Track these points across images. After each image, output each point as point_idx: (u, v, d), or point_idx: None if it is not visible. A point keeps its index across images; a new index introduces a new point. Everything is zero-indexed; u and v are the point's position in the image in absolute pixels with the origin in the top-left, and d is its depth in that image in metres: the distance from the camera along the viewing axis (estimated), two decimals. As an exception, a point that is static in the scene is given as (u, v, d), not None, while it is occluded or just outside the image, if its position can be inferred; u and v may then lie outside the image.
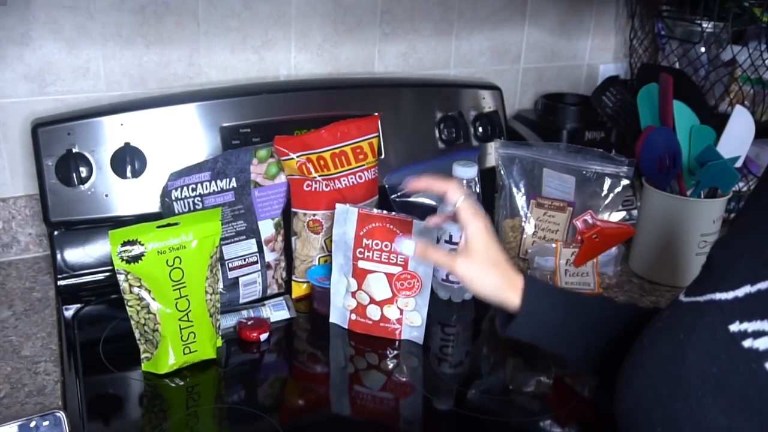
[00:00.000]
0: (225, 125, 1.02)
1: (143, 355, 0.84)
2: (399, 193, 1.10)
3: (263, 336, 0.91)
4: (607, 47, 1.46)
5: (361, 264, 0.91)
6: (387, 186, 1.10)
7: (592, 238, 0.92)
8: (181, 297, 0.82)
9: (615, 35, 1.46)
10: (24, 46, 1.00)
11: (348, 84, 1.17)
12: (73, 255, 1.00)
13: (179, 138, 1.00)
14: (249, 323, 0.92)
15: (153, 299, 0.81)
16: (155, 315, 0.81)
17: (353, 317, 0.94)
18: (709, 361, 0.50)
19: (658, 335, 0.57)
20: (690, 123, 1.04)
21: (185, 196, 0.94)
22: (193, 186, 0.94)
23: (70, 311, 0.96)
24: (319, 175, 0.96)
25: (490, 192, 1.10)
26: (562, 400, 0.84)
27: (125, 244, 0.79)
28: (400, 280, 0.90)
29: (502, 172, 1.02)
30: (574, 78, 1.46)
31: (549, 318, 0.74)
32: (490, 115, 1.23)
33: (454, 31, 1.28)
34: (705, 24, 1.25)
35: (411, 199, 1.11)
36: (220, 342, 0.88)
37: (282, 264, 1.02)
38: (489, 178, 1.10)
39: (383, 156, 1.10)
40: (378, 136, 1.01)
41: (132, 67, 1.07)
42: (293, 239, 1.01)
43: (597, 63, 1.47)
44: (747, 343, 0.49)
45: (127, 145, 0.97)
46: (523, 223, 1.01)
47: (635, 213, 1.20)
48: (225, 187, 0.95)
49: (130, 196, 0.98)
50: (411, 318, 0.91)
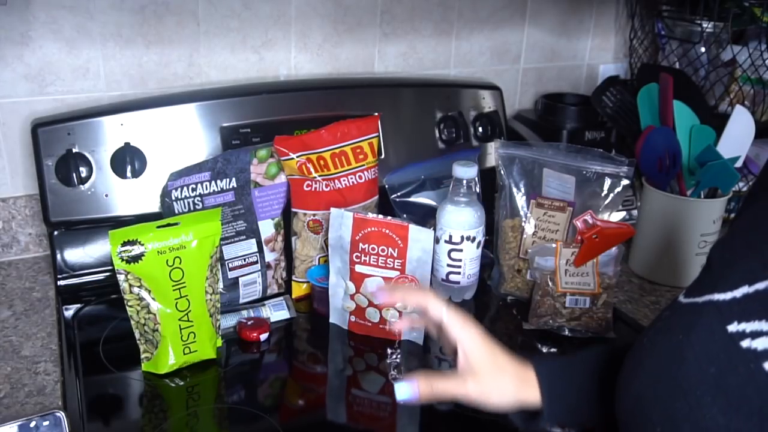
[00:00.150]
0: (225, 125, 1.02)
1: (143, 355, 0.84)
2: (399, 193, 1.11)
3: (263, 336, 0.91)
4: (607, 47, 1.46)
5: (358, 268, 0.90)
6: (387, 186, 1.10)
7: (592, 238, 0.92)
8: (181, 297, 0.82)
9: (615, 35, 1.46)
10: (24, 46, 1.00)
11: (348, 84, 1.17)
12: (73, 255, 1.00)
13: (179, 138, 1.00)
14: (249, 323, 0.91)
15: (153, 299, 0.81)
16: (155, 315, 0.81)
17: (352, 319, 0.93)
18: (708, 362, 0.50)
19: (657, 336, 0.57)
20: (690, 123, 1.04)
21: (185, 196, 0.94)
22: (193, 186, 0.94)
23: (70, 311, 0.96)
24: (319, 175, 0.96)
25: (490, 192, 1.09)
26: (562, 400, 0.84)
27: (125, 244, 0.79)
28: (398, 283, 0.90)
29: (502, 172, 1.02)
30: (574, 78, 1.46)
31: (572, 395, 0.70)
32: (490, 115, 1.23)
33: (454, 31, 1.28)
34: (705, 24, 1.24)
35: (411, 199, 1.11)
36: (220, 342, 0.88)
37: (282, 264, 1.02)
38: (489, 178, 1.10)
39: (383, 156, 1.10)
40: (378, 136, 1.01)
41: (132, 67, 1.07)
42: (293, 239, 1.00)
43: (597, 63, 1.46)
44: (745, 344, 0.49)
45: (127, 145, 0.97)
46: (523, 223, 1.01)
47: (635, 213, 1.20)
48: (225, 187, 0.95)
49: (130, 196, 0.98)
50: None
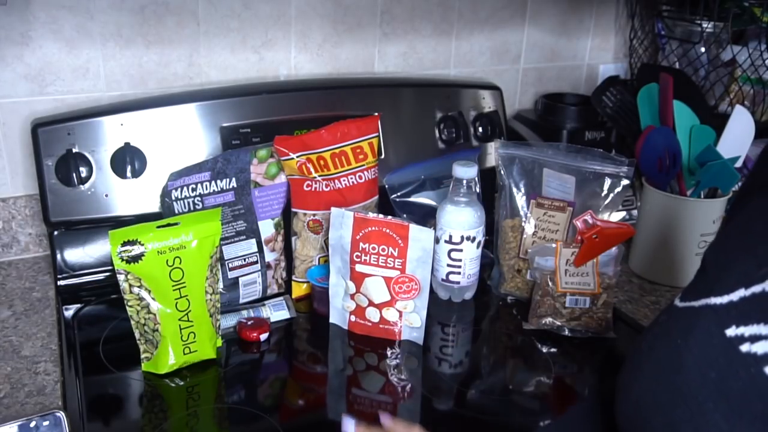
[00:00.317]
0: (225, 125, 1.02)
1: (143, 355, 0.84)
2: (399, 193, 1.11)
3: (263, 336, 0.91)
4: (607, 47, 1.46)
5: (359, 268, 0.90)
6: (387, 186, 1.10)
7: (592, 238, 0.92)
8: (181, 297, 0.82)
9: (615, 35, 1.46)
10: (24, 46, 1.00)
11: (348, 84, 1.17)
12: (73, 255, 1.00)
13: (179, 138, 1.00)
14: (249, 323, 0.91)
15: (153, 299, 0.81)
16: (155, 315, 0.81)
17: (353, 319, 0.94)
18: (708, 366, 0.50)
19: (655, 341, 0.56)
20: (690, 123, 1.04)
21: (185, 196, 0.94)
22: (193, 186, 0.94)
23: (70, 311, 0.96)
24: (319, 175, 0.96)
25: (490, 192, 1.10)
26: (562, 400, 0.84)
27: (125, 244, 0.79)
28: (398, 283, 0.90)
29: (502, 172, 1.02)
30: (574, 78, 1.46)
31: None
32: (490, 115, 1.23)
33: (454, 31, 1.28)
34: (705, 24, 1.24)
35: (411, 199, 1.11)
36: (220, 342, 0.88)
37: (282, 264, 1.02)
38: (489, 178, 1.10)
39: (383, 156, 1.10)
40: (378, 136, 1.01)
41: (132, 67, 1.07)
42: (293, 239, 1.00)
43: (597, 63, 1.46)
44: (744, 348, 0.48)
45: (127, 145, 0.97)
46: (523, 223, 1.01)
47: (635, 213, 1.20)
48: (225, 187, 0.95)
49: (130, 196, 0.98)
50: (410, 319, 0.91)
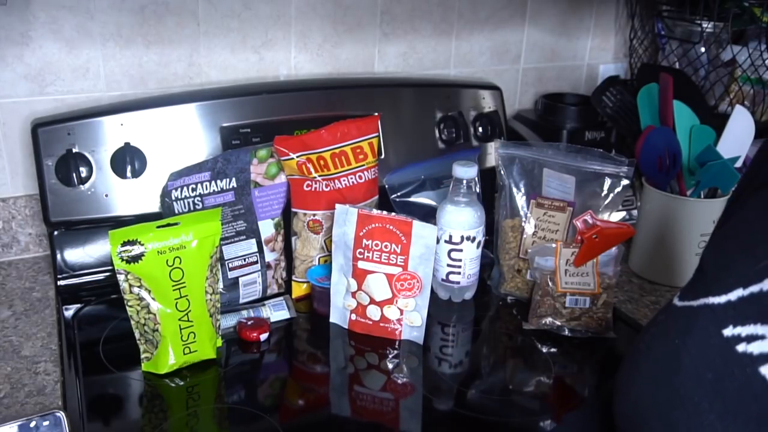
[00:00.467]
0: (225, 125, 1.02)
1: (143, 355, 0.84)
2: (399, 193, 1.11)
3: (263, 336, 0.91)
4: (607, 47, 1.46)
5: (361, 264, 0.91)
6: (387, 186, 1.10)
7: (592, 238, 0.92)
8: (181, 297, 0.82)
9: (615, 35, 1.46)
10: (24, 46, 1.00)
11: (348, 84, 1.17)
12: (73, 255, 1.00)
13: (179, 138, 1.00)
14: (249, 323, 0.91)
15: (153, 299, 0.81)
16: (155, 315, 0.81)
17: (353, 317, 0.94)
18: (705, 367, 0.50)
19: (653, 340, 0.56)
20: (690, 123, 1.04)
21: (185, 196, 0.94)
22: (193, 186, 0.94)
23: (70, 311, 0.96)
24: (319, 175, 0.96)
25: (490, 192, 1.10)
26: (562, 400, 0.84)
27: (125, 244, 0.79)
28: (399, 280, 0.90)
29: (502, 172, 1.02)
30: (574, 78, 1.46)
31: None
32: (490, 115, 1.23)
33: (454, 32, 1.28)
34: (705, 24, 1.24)
35: (411, 199, 1.11)
36: (220, 342, 0.88)
37: (282, 264, 1.02)
38: (489, 178, 1.10)
39: (383, 156, 1.10)
40: (378, 136, 1.01)
41: (132, 67, 1.07)
42: (293, 239, 1.00)
43: (597, 63, 1.46)
44: (741, 348, 0.48)
45: (127, 145, 0.97)
46: (523, 223, 1.01)
47: (635, 213, 1.20)
48: (225, 187, 0.95)
49: (130, 196, 0.98)
50: (411, 318, 0.91)
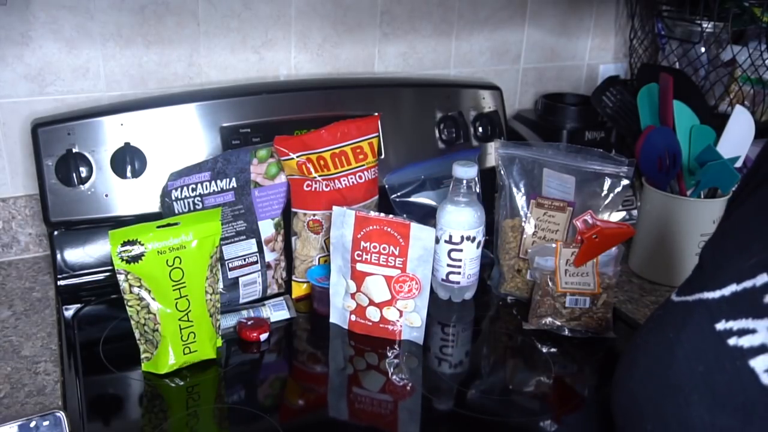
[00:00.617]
0: (225, 125, 1.02)
1: (143, 355, 0.84)
2: (399, 193, 1.11)
3: (263, 336, 0.91)
4: (607, 47, 1.46)
5: (360, 266, 0.91)
6: (387, 186, 1.10)
7: (592, 238, 0.92)
8: (181, 297, 0.82)
9: (615, 35, 1.46)
10: (24, 46, 1.00)
11: (348, 84, 1.17)
12: (73, 255, 1.00)
13: (179, 138, 1.00)
14: (249, 323, 0.91)
15: (153, 299, 0.81)
16: (155, 315, 0.81)
17: (353, 318, 0.94)
18: (697, 360, 0.51)
19: (650, 335, 0.57)
20: (690, 123, 1.04)
21: (185, 196, 0.94)
22: (193, 186, 0.94)
23: (70, 311, 0.96)
24: (319, 175, 0.96)
25: (490, 192, 1.10)
26: (562, 400, 0.84)
27: (125, 244, 0.79)
28: (398, 282, 0.90)
29: (502, 172, 1.02)
30: (574, 78, 1.46)
31: None
32: (490, 115, 1.22)
33: (453, 32, 1.28)
34: (705, 24, 1.24)
35: (411, 199, 1.11)
36: (220, 342, 0.88)
37: (282, 264, 1.02)
38: (489, 178, 1.10)
39: (383, 156, 1.10)
40: (378, 136, 1.01)
41: (132, 67, 1.07)
42: (293, 239, 1.00)
43: (597, 63, 1.46)
44: (732, 341, 0.49)
45: (127, 145, 0.97)
46: (523, 223, 1.01)
47: (635, 213, 1.20)
48: (225, 187, 0.95)
49: (130, 196, 0.98)
50: (411, 319, 0.91)
